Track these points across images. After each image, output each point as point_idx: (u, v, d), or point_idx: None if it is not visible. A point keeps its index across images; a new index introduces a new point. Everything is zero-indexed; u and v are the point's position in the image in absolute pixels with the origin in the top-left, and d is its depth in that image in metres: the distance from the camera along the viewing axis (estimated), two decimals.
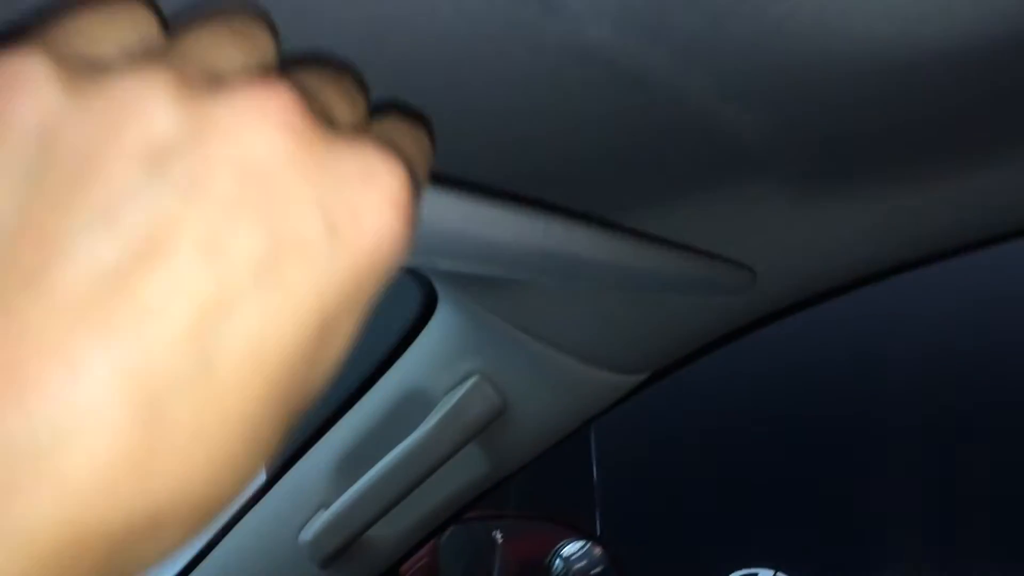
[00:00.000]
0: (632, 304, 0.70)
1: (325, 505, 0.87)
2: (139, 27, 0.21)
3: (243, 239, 0.20)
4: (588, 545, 1.29)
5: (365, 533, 0.87)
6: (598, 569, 1.27)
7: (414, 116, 0.27)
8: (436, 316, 0.80)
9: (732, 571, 1.59)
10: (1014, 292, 1.56)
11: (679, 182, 0.56)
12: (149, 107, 0.19)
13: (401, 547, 0.90)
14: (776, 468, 1.60)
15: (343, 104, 0.24)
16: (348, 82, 0.25)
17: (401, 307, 0.83)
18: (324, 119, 0.23)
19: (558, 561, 1.29)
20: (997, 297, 1.57)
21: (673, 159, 0.52)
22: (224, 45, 0.22)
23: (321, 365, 0.22)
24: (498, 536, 1.24)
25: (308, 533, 0.87)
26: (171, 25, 0.23)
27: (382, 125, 0.26)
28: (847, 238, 0.62)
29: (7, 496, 0.17)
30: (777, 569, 1.58)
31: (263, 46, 0.23)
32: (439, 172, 0.30)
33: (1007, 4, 0.35)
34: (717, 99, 0.46)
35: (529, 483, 0.94)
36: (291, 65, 0.24)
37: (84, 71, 0.20)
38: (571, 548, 1.30)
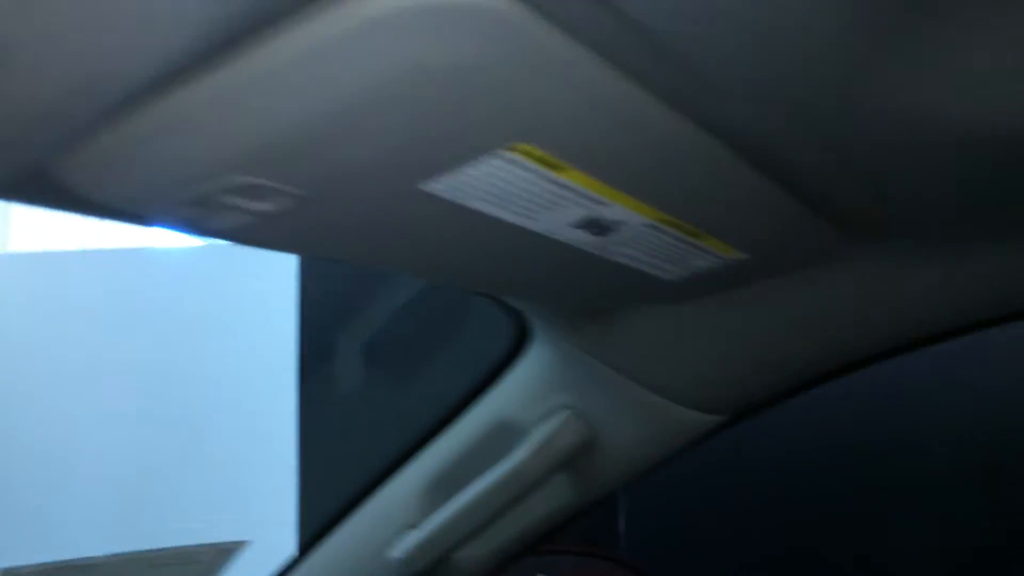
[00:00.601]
0: (720, 345, 0.74)
1: (413, 525, 0.92)
2: None
3: None
4: None
5: (451, 554, 0.91)
6: None
7: None
8: (529, 351, 0.85)
9: None
10: None
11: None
12: None
13: (484, 570, 0.94)
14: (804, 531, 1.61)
15: None
16: None
17: (493, 341, 0.88)
18: None
19: None
20: None
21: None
22: None
23: None
24: (564, 569, 1.27)
25: (396, 552, 0.92)
26: None
27: None
28: (936, 293, 0.66)
29: None
30: None
31: None
32: None
33: None
34: (836, 171, 0.50)
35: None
36: None
37: None
38: None
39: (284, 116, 0.36)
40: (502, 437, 0.86)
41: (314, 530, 1.01)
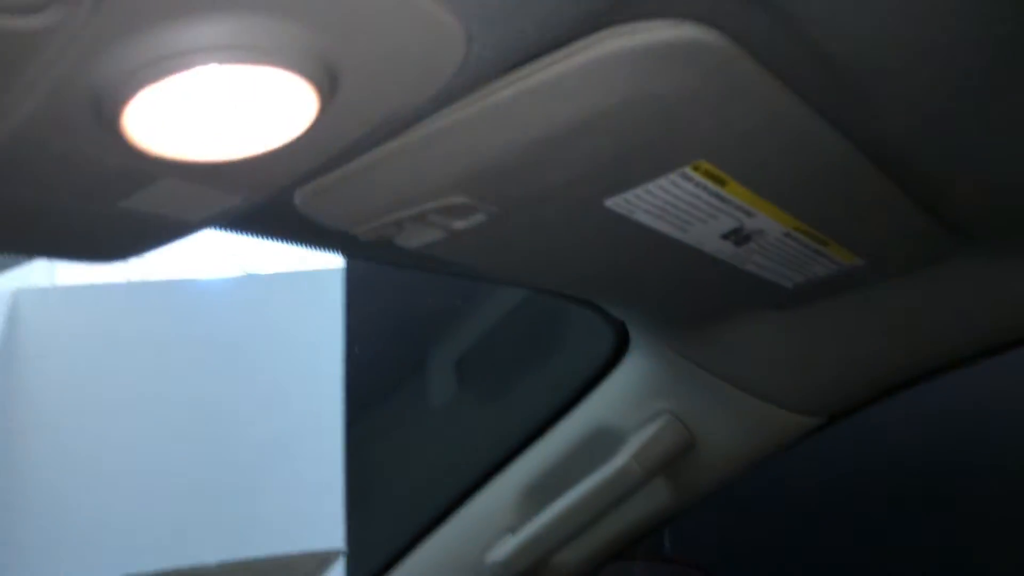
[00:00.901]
0: (824, 349, 0.77)
1: (512, 529, 0.95)
2: None
3: None
4: None
5: (548, 558, 0.94)
6: None
7: None
8: (628, 358, 0.88)
9: None
10: None
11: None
12: None
13: (581, 570, 0.97)
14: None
15: None
16: None
17: (593, 347, 0.91)
18: None
19: None
20: None
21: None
22: None
23: None
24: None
25: (495, 555, 0.95)
26: None
27: None
28: None
29: None
30: None
31: None
32: None
33: None
34: (959, 176, 0.54)
35: None
36: None
37: None
38: None
39: (504, 144, 0.40)
40: (601, 442, 0.89)
41: (404, 539, 1.04)
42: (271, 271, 2.63)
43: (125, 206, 0.34)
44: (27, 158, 0.30)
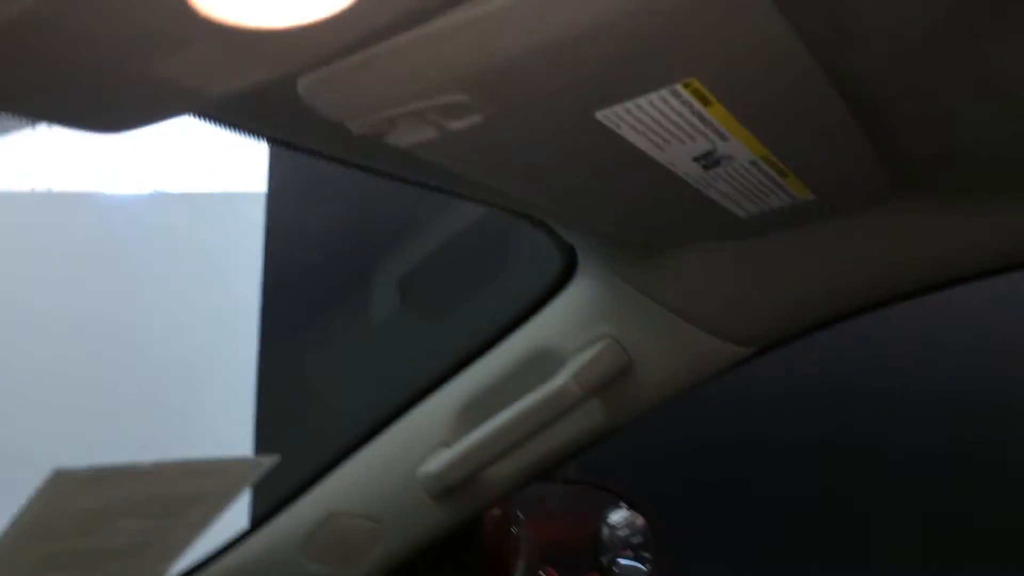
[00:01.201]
0: (765, 282, 0.81)
1: (447, 444, 0.98)
2: None
3: None
4: (631, 515, 1.40)
5: (480, 472, 0.97)
6: (638, 539, 1.38)
7: None
8: (575, 281, 0.91)
9: None
10: None
11: None
12: None
13: (509, 487, 1.00)
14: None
15: None
16: None
17: (540, 269, 0.93)
18: None
19: (605, 528, 1.40)
20: None
21: None
22: None
23: None
24: (565, 498, 1.34)
25: (429, 467, 0.97)
26: None
27: None
28: (967, 241, 0.73)
29: None
30: None
31: None
32: None
33: None
34: (918, 121, 0.57)
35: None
36: None
37: None
38: (617, 516, 1.41)
39: (510, 45, 0.41)
40: (541, 363, 0.92)
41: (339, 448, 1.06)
42: (186, 191, 2.59)
43: (149, 70, 0.35)
44: (63, 9, 0.30)
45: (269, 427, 1.94)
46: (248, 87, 0.39)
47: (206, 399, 2.33)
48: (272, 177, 2.01)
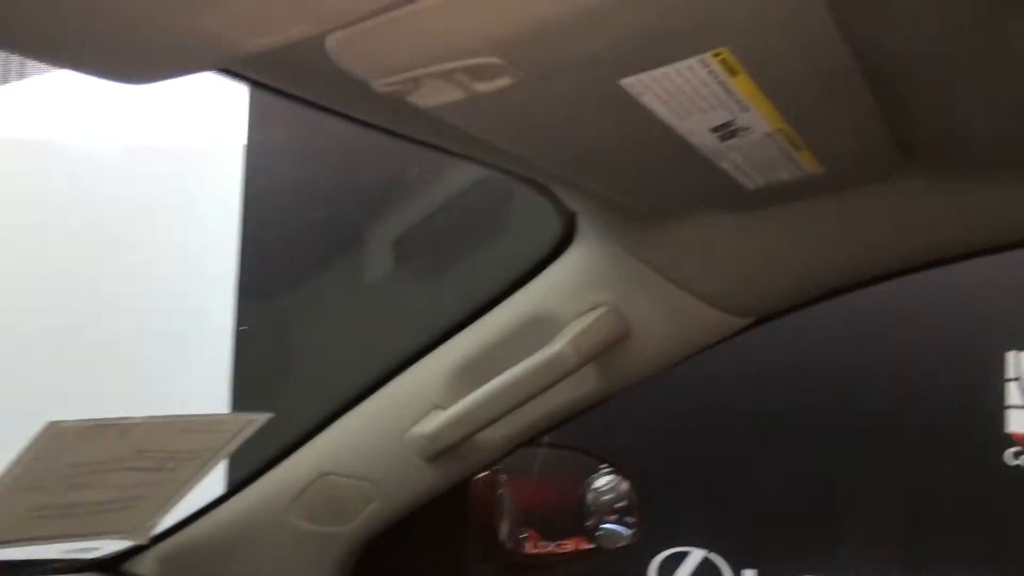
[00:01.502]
0: (765, 254, 0.81)
1: (441, 406, 0.98)
2: None
3: None
4: (615, 479, 1.41)
5: (474, 435, 0.97)
6: (622, 503, 1.39)
7: None
8: (573, 248, 0.91)
9: (660, 551, 1.74)
10: None
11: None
12: None
13: (501, 451, 1.01)
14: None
15: None
16: None
17: (539, 235, 0.93)
18: None
19: (590, 493, 1.41)
20: None
21: None
22: None
23: None
24: (550, 463, 1.35)
25: (423, 428, 0.98)
26: None
27: None
28: (968, 218, 0.74)
29: None
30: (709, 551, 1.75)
31: None
32: None
33: None
34: (931, 98, 0.57)
35: None
36: None
37: None
38: (601, 480, 1.42)
39: (540, 10, 0.40)
40: (538, 328, 0.92)
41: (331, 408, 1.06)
42: (163, 146, 2.55)
43: (182, 21, 0.34)
44: None
45: (245, 387, 1.94)
46: (277, 42, 0.38)
47: (182, 356, 2.31)
48: (251, 133, 1.99)
